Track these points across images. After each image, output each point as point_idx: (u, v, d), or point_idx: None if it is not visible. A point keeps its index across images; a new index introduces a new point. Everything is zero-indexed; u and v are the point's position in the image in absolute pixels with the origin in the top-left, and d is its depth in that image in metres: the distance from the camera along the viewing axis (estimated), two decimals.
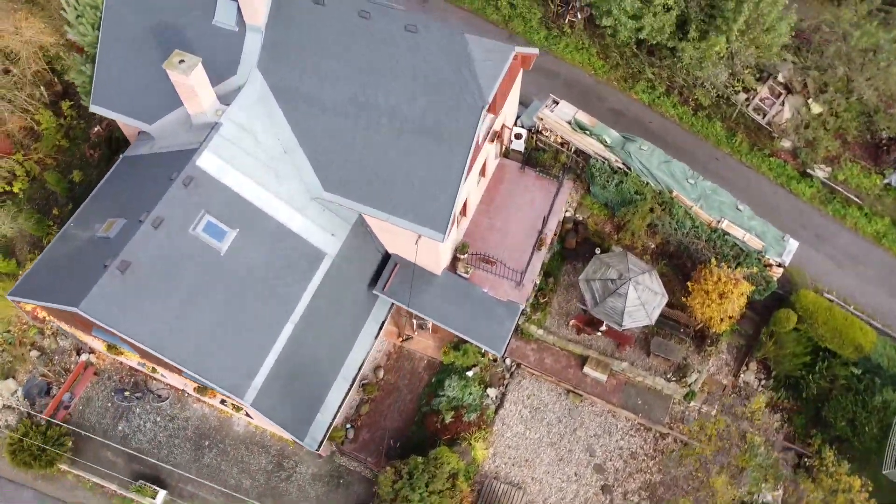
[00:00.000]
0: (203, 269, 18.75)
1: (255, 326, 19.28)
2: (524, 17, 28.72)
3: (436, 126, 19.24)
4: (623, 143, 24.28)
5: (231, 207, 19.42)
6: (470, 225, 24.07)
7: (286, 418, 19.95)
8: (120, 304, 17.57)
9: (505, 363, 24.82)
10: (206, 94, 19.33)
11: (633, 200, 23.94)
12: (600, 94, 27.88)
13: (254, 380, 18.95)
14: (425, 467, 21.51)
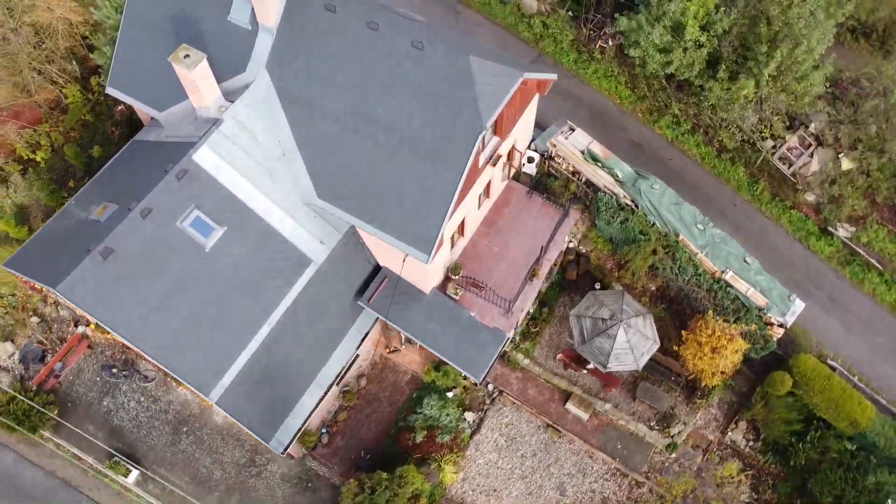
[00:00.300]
0: (186, 264, 18.91)
1: (231, 325, 19.37)
2: (556, 38, 28.15)
3: (432, 146, 18.95)
4: (635, 180, 23.59)
5: (222, 205, 19.52)
6: (468, 245, 23.73)
7: (253, 419, 20.01)
8: (99, 289, 17.84)
9: (487, 388, 24.43)
10: (209, 89, 19.45)
11: (636, 240, 23.23)
12: (623, 125, 27.13)
13: (222, 378, 19.06)
14: (389, 484, 21.34)
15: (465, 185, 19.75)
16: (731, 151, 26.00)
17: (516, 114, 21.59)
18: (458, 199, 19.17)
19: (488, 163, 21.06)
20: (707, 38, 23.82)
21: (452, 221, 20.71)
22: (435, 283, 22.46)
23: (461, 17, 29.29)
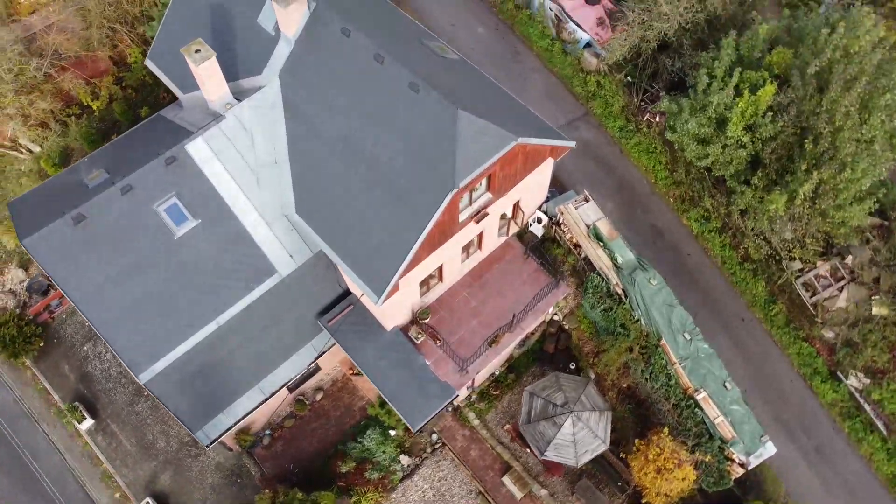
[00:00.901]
0: (152, 247, 19.50)
1: (180, 315, 19.79)
2: (607, 101, 26.98)
3: (406, 191, 18.61)
4: (634, 269, 22.26)
5: (202, 198, 19.98)
6: (447, 292, 23.19)
7: (182, 408, 20.43)
8: (62, 251, 18.71)
9: (431, 437, 23.89)
10: (215, 86, 19.90)
11: (616, 332, 21.96)
12: (649, 206, 25.71)
13: (156, 363, 19.54)
14: (301, 499, 21.31)
15: (434, 237, 19.31)
16: (755, 263, 24.07)
17: (517, 174, 20.84)
18: (419, 249, 18.76)
19: (473, 219, 20.45)
20: (751, 140, 22.09)
21: (422, 268, 20.27)
22: (397, 322, 22.12)
23: (519, 59, 28.64)
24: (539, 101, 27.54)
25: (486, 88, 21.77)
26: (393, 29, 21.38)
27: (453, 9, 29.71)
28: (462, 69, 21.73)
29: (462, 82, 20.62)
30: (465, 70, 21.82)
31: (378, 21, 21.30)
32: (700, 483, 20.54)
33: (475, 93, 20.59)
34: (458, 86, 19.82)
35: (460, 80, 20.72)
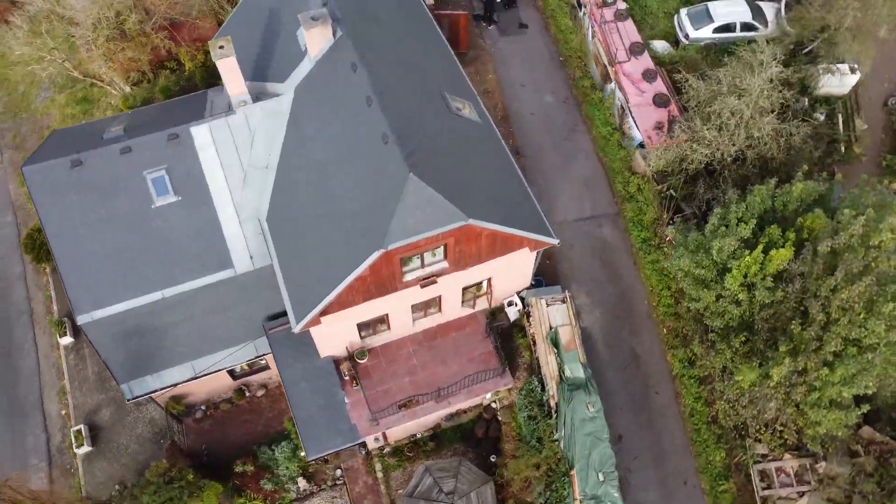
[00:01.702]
0: (131, 208, 20.96)
1: (133, 276, 21.04)
2: (640, 208, 25.49)
3: (350, 235, 18.76)
4: (578, 387, 20.95)
5: (188, 179, 21.21)
6: (394, 343, 23.01)
7: (114, 358, 21.83)
8: (52, 187, 20.62)
9: (336, 471, 23.84)
10: (233, 83, 20.97)
11: (531, 443, 20.79)
12: (638, 329, 24.06)
13: (97, 311, 20.97)
14: (185, 486, 22.06)
15: (370, 288, 19.35)
16: (722, 429, 21.79)
17: (482, 253, 20.30)
18: (347, 294, 18.90)
19: (419, 282, 20.17)
20: (748, 299, 20.03)
21: (355, 312, 20.31)
22: (332, 353, 22.28)
23: (574, 137, 27.72)
24: (574, 186, 26.62)
25: (489, 160, 21.38)
26: (415, 74, 21.51)
27: (531, 71, 29.30)
28: (472, 133, 21.49)
29: (457, 147, 20.40)
30: (475, 135, 21.57)
31: (402, 62, 21.51)
32: None
33: (466, 162, 20.29)
34: (443, 149, 19.65)
35: (457, 143, 20.50)
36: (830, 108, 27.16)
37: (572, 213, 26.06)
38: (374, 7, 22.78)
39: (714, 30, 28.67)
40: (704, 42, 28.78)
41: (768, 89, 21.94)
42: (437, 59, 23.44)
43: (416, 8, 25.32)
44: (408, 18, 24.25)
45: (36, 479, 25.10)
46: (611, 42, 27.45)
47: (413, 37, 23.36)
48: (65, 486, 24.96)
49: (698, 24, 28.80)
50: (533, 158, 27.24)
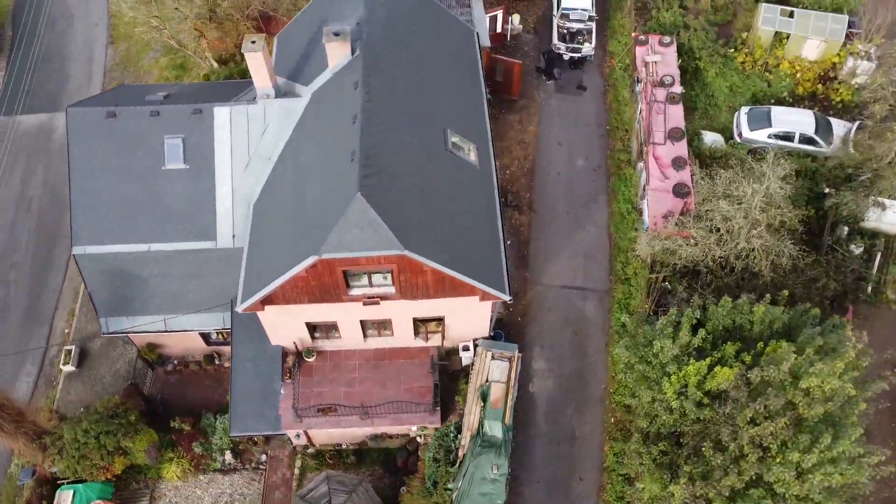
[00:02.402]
0: (143, 164, 23.10)
1: (126, 224, 23.01)
2: (632, 292, 24.78)
3: (302, 236, 19.69)
4: (491, 446, 20.69)
5: (199, 151, 23.11)
6: (344, 351, 23.71)
7: (98, 293, 24.00)
8: (86, 130, 23.16)
9: (261, 456, 24.77)
10: (258, 76, 22.66)
11: (426, 485, 20.71)
12: (585, 409, 23.47)
13: (91, 246, 23.15)
14: (129, 425, 23.70)
15: (314, 290, 20.27)
16: None
17: (429, 289, 20.68)
18: (289, 291, 19.98)
19: (362, 299, 20.81)
20: (679, 409, 19.03)
21: (301, 311, 21.27)
22: (282, 343, 23.31)
23: (591, 207, 27.41)
24: (574, 254, 26.32)
25: (467, 204, 21.69)
26: (421, 104, 22.28)
27: (573, 132, 29.29)
28: (460, 173, 21.97)
29: (435, 182, 20.96)
30: (463, 176, 22.02)
31: (411, 91, 22.32)
32: None
33: (438, 198, 20.75)
34: (416, 179, 20.28)
35: (437, 178, 21.07)
36: (871, 244, 25.16)
37: (562, 280, 25.74)
38: (410, 36, 23.88)
39: (770, 135, 27.42)
40: (757, 145, 27.58)
41: (763, 203, 20.81)
42: (457, 95, 24.12)
43: (464, 46, 26.17)
44: (446, 53, 25.14)
45: (23, 384, 27.89)
46: (652, 122, 26.97)
47: (440, 71, 24.17)
48: (43, 395, 27.52)
49: (755, 125, 27.66)
50: (543, 217, 27.18)
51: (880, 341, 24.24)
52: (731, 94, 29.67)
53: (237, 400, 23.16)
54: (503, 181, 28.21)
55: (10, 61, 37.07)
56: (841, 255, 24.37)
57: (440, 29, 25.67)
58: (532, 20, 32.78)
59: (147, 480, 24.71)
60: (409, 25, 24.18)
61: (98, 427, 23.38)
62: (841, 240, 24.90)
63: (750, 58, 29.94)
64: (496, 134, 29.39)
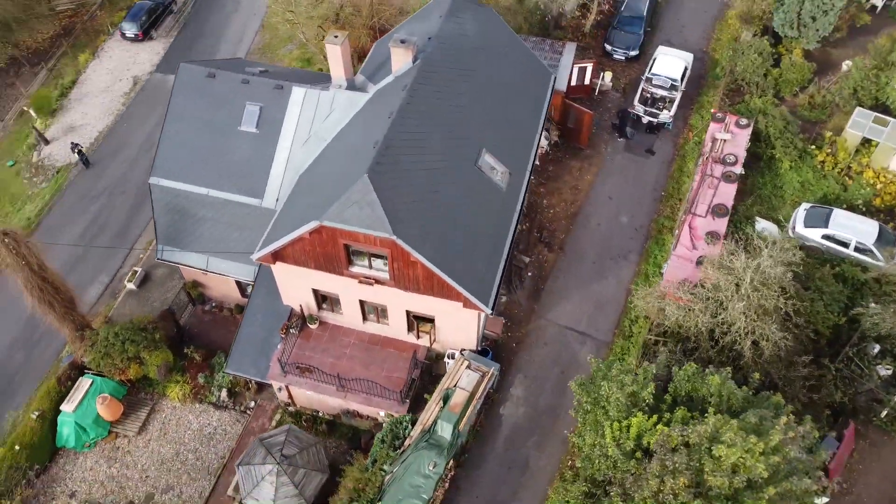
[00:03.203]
0: (224, 121, 26.44)
1: (195, 168, 26.33)
2: (629, 348, 24.67)
3: (317, 204, 21.83)
4: (434, 446, 21.50)
5: (271, 120, 26.17)
6: (343, 328, 25.61)
7: (160, 221, 27.42)
8: (188, 84, 26.93)
9: (250, 402, 26.92)
10: (335, 67, 25.48)
11: (368, 463, 21.82)
12: (544, 446, 23.42)
13: (164, 180, 26.65)
14: (147, 339, 26.79)
15: (319, 257, 22.39)
16: None
17: (420, 283, 22.14)
18: (294, 252, 22.37)
19: (359, 277, 22.59)
20: (613, 457, 18.97)
21: (306, 276, 23.42)
22: (289, 302, 25.53)
23: (622, 262, 27.62)
24: (587, 300, 26.67)
25: (476, 219, 22.93)
26: (463, 119, 23.98)
27: (627, 190, 29.69)
28: (480, 189, 23.38)
29: (450, 188, 22.48)
30: (482, 192, 23.39)
31: (457, 106, 24.10)
32: None
33: (448, 203, 22.22)
34: (430, 180, 21.93)
35: (453, 186, 22.58)
36: None
37: (567, 320, 26.12)
38: (475, 59, 25.81)
39: (824, 236, 26.42)
40: (809, 243, 26.64)
41: (759, 282, 20.28)
42: (508, 123, 25.60)
43: (535, 84, 27.74)
44: (511, 84, 26.77)
45: (94, 289, 32.05)
46: (700, 193, 26.94)
47: (498, 97, 25.81)
48: (105, 303, 31.49)
49: (811, 223, 26.76)
50: (570, 259, 27.76)
51: (888, 471, 22.51)
52: (801, 190, 28.85)
53: (239, 343, 25.59)
54: (544, 218, 29.12)
55: (178, 35, 43.22)
56: (860, 369, 22.96)
57: (514, 62, 27.41)
58: (623, 81, 33.69)
59: (153, 394, 27.63)
60: (477, 49, 26.17)
61: (126, 334, 26.66)
62: (867, 356, 23.45)
63: (831, 158, 29.03)
64: (552, 175, 30.58)
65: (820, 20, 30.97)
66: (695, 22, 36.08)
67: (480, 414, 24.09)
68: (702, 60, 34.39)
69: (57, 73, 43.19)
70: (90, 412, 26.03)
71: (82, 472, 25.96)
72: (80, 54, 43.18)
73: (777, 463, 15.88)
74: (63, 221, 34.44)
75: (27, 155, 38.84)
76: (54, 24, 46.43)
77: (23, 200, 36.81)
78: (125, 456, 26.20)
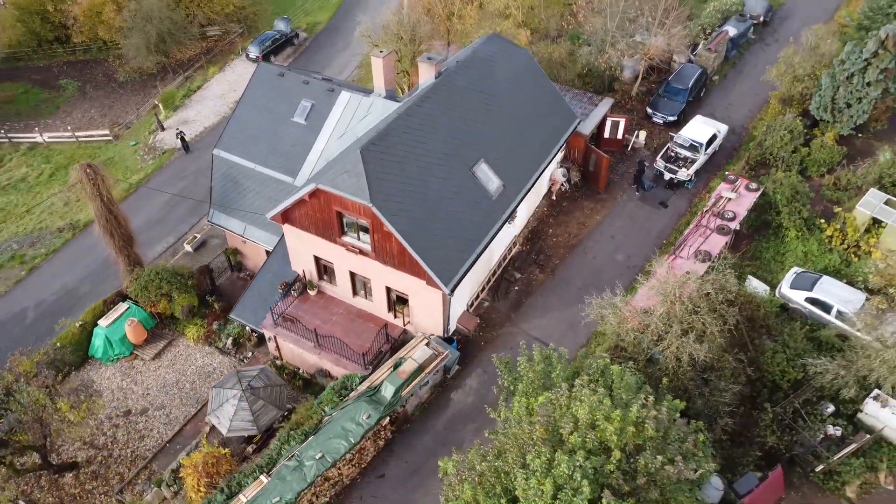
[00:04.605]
0: (284, 111, 31.22)
1: (253, 146, 31.20)
2: None
3: (324, 174, 25.53)
4: (376, 403, 23.69)
5: (318, 115, 30.59)
6: (335, 299, 28.75)
7: (216, 187, 32.39)
8: (262, 79, 31.99)
9: (248, 353, 30.29)
10: (378, 78, 29.66)
11: (315, 404, 24.33)
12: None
13: (224, 152, 31.74)
14: (180, 283, 31.22)
15: (319, 221, 25.86)
16: None
17: (394, 258, 25.00)
18: (295, 208, 25.94)
19: (349, 245, 25.77)
20: None
21: (310, 242, 26.92)
22: (296, 267, 29.03)
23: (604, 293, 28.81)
24: (560, 319, 28.12)
25: (460, 216, 25.58)
26: (470, 129, 27.06)
27: (630, 233, 31.11)
28: (470, 192, 26.15)
29: (440, 184, 25.41)
30: (470, 195, 26.12)
31: (466, 120, 27.25)
32: None
33: (434, 196, 25.09)
34: (422, 172, 24.99)
35: (442, 183, 25.50)
36: (853, 432, 23.09)
37: (538, 332, 27.64)
38: (496, 85, 29.03)
39: (807, 299, 26.60)
40: (792, 304, 26.88)
41: (694, 305, 21.26)
42: (518, 146, 28.41)
43: (557, 121, 30.54)
44: (531, 116, 29.67)
45: (160, 247, 37.29)
46: (690, 238, 28.07)
47: (514, 123, 28.78)
48: (165, 259, 36.52)
49: (797, 285, 27.03)
50: (556, 282, 29.48)
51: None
52: (803, 259, 29.10)
53: (247, 296, 29.35)
54: (545, 244, 31.15)
55: (292, 61, 50.13)
56: (804, 422, 22.85)
57: (536, 96, 30.41)
58: (657, 142, 35.59)
59: (174, 331, 31.78)
60: (500, 77, 29.43)
61: (165, 274, 31.22)
62: (820, 414, 23.28)
63: (839, 234, 29.19)
64: (565, 210, 32.78)
65: (854, 107, 31.70)
66: (742, 102, 37.57)
67: (433, 393, 26.02)
68: (739, 135, 35.69)
69: (190, 79, 51.20)
70: (119, 331, 30.47)
71: (101, 379, 30.22)
72: (211, 67, 51.08)
73: (632, 433, 16.90)
74: (156, 189, 40.57)
75: (147, 138, 46.13)
76: (201, 44, 55.24)
77: (132, 172, 43.67)
78: (137, 374, 30.22)
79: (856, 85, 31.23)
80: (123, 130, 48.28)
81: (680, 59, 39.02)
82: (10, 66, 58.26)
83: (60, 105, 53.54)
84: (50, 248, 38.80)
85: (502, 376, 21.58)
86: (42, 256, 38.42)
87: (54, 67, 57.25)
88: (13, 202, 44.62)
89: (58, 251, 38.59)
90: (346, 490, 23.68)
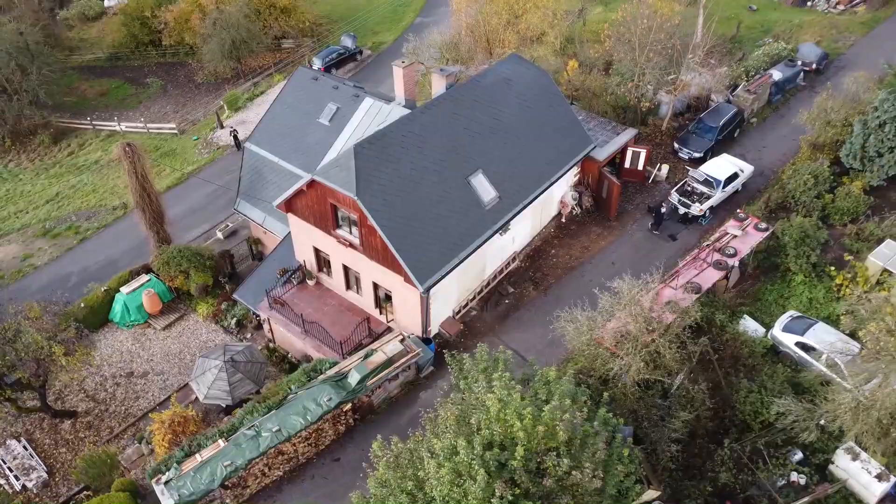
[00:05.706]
0: (308, 112, 33.08)
1: (279, 141, 33.21)
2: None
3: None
4: (339, 387, 24.57)
5: (341, 117, 32.23)
6: (330, 291, 29.98)
7: (244, 178, 34.58)
8: (298, 83, 34.19)
9: (247, 334, 31.86)
10: (398, 87, 31.07)
11: (288, 381, 25.54)
12: None
13: (254, 146, 33.95)
14: (199, 263, 33.39)
15: (316, 211, 27.27)
16: None
17: (379, 254, 26.02)
18: (295, 198, 27.45)
19: (341, 238, 26.99)
20: None
21: (308, 231, 28.35)
22: (299, 257, 30.50)
23: None
24: (544, 336, 28.10)
25: (450, 221, 26.40)
26: (469, 141, 27.90)
27: (633, 260, 30.66)
28: (461, 198, 26.97)
29: (434, 186, 26.34)
30: (460, 201, 26.92)
31: (468, 132, 28.13)
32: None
33: (425, 200, 26.01)
34: (416, 172, 26.02)
35: (435, 185, 26.42)
36: (817, 477, 22.04)
37: (518, 345, 27.68)
38: (507, 103, 29.77)
39: (797, 343, 25.60)
40: (782, 347, 25.93)
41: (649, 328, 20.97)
42: (522, 163, 29.05)
43: (570, 143, 30.98)
44: (543, 137, 30.24)
45: (196, 232, 39.81)
46: (683, 269, 27.66)
47: (522, 142, 29.46)
48: (198, 243, 38.98)
49: (790, 329, 26.07)
50: (547, 300, 29.56)
51: None
52: (807, 305, 28.02)
53: (251, 280, 31.04)
54: (544, 264, 31.35)
55: (352, 76, 52.62)
56: (763, 464, 21.97)
57: (549, 116, 30.96)
58: (680, 177, 35.20)
59: (187, 308, 33.86)
60: (513, 95, 30.15)
61: (185, 253, 33.47)
62: (783, 456, 22.35)
63: (849, 283, 27.95)
64: (571, 233, 32.96)
65: (886, 157, 30.46)
66: (777, 146, 36.63)
67: (403, 390, 26.62)
68: (767, 178, 34.80)
69: (257, 85, 54.66)
70: (137, 299, 32.81)
71: (114, 341, 32.56)
72: (276, 75, 54.37)
73: (543, 433, 16.99)
74: (203, 180, 43.51)
75: (207, 134, 49.53)
76: (274, 55, 58.92)
77: (189, 163, 46.96)
78: (146, 341, 32.38)
79: (887, 133, 30.07)
80: (189, 126, 52.02)
81: (718, 99, 38.57)
82: (111, 65, 64.15)
83: (143, 100, 58.30)
84: (102, 223, 42.21)
85: (453, 372, 22.02)
86: (94, 230, 41.83)
87: (145, 67, 62.48)
88: (84, 181, 48.82)
89: (108, 226, 41.93)
90: (300, 468, 24.53)
